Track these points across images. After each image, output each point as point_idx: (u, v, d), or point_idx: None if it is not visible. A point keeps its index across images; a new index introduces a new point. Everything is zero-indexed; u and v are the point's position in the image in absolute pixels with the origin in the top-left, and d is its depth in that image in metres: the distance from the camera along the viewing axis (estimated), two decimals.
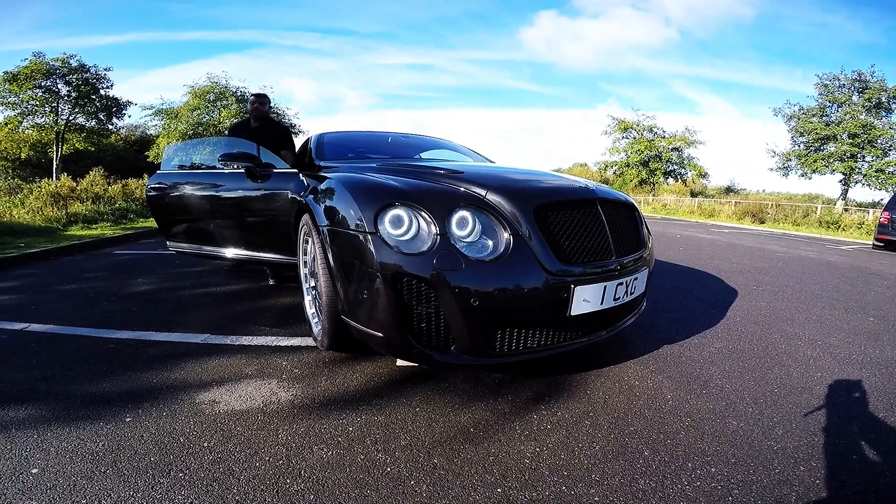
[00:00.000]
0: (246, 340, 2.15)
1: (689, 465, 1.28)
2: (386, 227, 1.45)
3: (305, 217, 1.93)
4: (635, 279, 1.74)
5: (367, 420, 1.47)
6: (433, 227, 1.44)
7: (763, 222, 16.30)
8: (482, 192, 1.60)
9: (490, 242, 1.47)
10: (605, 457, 1.31)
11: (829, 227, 14.51)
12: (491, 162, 3.48)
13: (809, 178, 22.02)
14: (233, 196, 2.80)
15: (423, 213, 1.46)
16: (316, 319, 1.99)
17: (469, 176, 1.75)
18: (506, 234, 1.49)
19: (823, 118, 21.08)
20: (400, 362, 1.88)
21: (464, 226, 1.46)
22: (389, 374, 1.80)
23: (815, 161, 20.99)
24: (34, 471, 1.18)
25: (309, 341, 2.11)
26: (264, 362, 1.90)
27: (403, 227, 1.44)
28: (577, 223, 1.65)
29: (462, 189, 1.63)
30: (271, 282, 3.30)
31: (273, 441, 1.34)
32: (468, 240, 1.45)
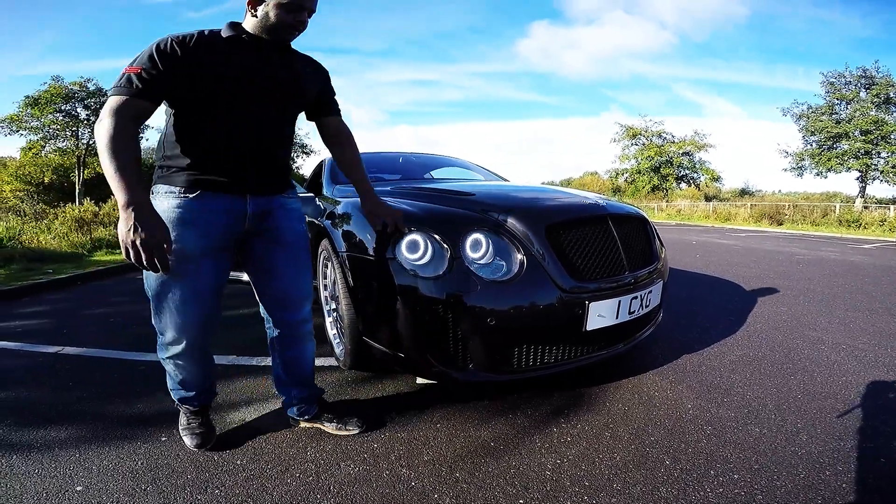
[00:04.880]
0: (269, 361, 2.19)
1: (712, 472, 1.29)
2: (402, 251, 1.49)
3: (324, 242, 2.00)
4: (650, 292, 1.76)
5: (390, 437, 1.51)
6: (448, 250, 1.48)
7: (781, 224, 16.03)
8: (494, 213, 1.64)
9: (504, 263, 1.50)
10: (626, 467, 1.32)
11: (849, 225, 14.22)
12: (500, 178, 3.54)
13: (825, 178, 21.73)
14: None
15: (437, 238, 1.50)
16: (337, 340, 2.04)
17: (480, 197, 1.80)
18: (519, 255, 1.52)
19: (833, 116, 20.85)
20: (419, 380, 1.92)
21: (477, 248, 1.50)
22: (410, 392, 1.84)
23: (829, 160, 20.70)
24: (78, 488, 1.25)
25: (331, 361, 2.16)
26: None
27: (419, 251, 1.48)
28: (589, 240, 1.67)
29: (474, 211, 1.68)
30: None
31: (302, 458, 1.38)
32: (482, 262, 1.49)
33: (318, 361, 2.16)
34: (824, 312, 3.11)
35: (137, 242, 1.01)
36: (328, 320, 2.16)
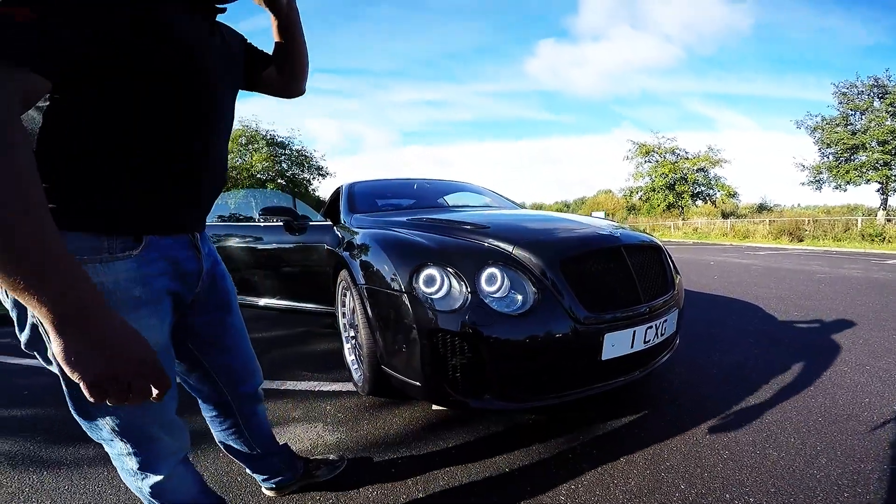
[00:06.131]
0: (290, 385, 2.27)
1: (727, 496, 1.29)
2: (420, 286, 1.54)
3: (343, 273, 2.06)
4: (665, 321, 1.76)
5: (407, 461, 1.54)
6: (464, 285, 1.51)
7: (801, 240, 15.69)
8: (509, 247, 1.66)
9: (519, 297, 1.52)
10: (640, 491, 1.33)
11: (872, 240, 13.84)
12: (511, 202, 3.62)
13: (844, 191, 21.29)
14: (271, 248, 3.00)
15: (453, 272, 1.54)
16: (356, 366, 2.10)
17: (495, 230, 1.83)
18: (534, 289, 1.54)
19: (848, 127, 20.52)
20: (435, 406, 1.95)
21: (493, 282, 1.53)
22: (426, 418, 1.87)
23: (847, 172, 20.32)
24: None
25: (349, 386, 2.21)
26: (309, 406, 2.01)
27: (436, 285, 1.52)
28: (604, 271, 1.69)
29: (490, 244, 1.70)
30: None
31: (320, 483, 1.42)
32: (497, 295, 1.51)
33: (336, 387, 2.23)
34: (847, 333, 3.05)
35: (117, 371, 0.59)
36: (346, 347, 2.21)
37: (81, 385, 0.57)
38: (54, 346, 0.56)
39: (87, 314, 0.57)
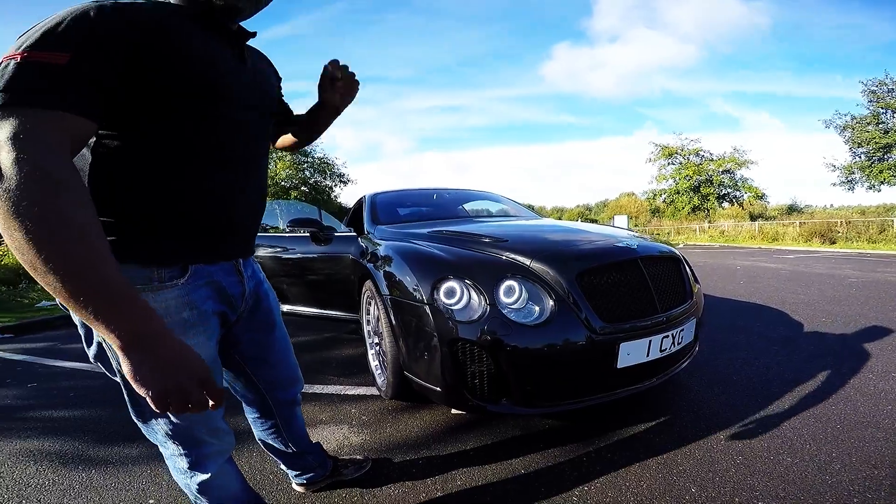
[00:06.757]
0: (317, 389, 2.39)
1: (737, 500, 1.33)
2: (441, 297, 1.63)
3: (368, 283, 2.17)
4: (682, 331, 1.79)
5: (427, 462, 1.63)
6: (483, 297, 1.59)
7: (834, 242, 15.10)
8: (527, 261, 1.73)
9: (536, 308, 1.59)
10: (651, 494, 1.38)
11: None
12: (529, 210, 3.67)
13: (878, 191, 20.44)
14: (298, 257, 3.14)
15: (473, 285, 1.63)
16: (379, 371, 2.20)
17: (513, 243, 1.89)
18: (551, 300, 1.61)
19: (880, 126, 19.71)
20: (455, 410, 2.02)
21: (511, 294, 1.60)
22: (445, 421, 1.95)
23: (880, 171, 19.53)
24: (151, 502, 1.45)
25: (372, 390, 2.31)
26: (335, 409, 2.12)
27: (456, 297, 1.61)
28: (621, 283, 1.73)
29: (508, 258, 1.78)
30: None
31: (346, 481, 1.52)
32: (515, 307, 1.58)
33: (361, 390, 2.33)
34: (877, 340, 2.98)
35: (179, 387, 0.66)
36: (370, 352, 2.32)
37: (147, 398, 0.64)
38: (122, 366, 0.63)
39: (150, 337, 0.63)
